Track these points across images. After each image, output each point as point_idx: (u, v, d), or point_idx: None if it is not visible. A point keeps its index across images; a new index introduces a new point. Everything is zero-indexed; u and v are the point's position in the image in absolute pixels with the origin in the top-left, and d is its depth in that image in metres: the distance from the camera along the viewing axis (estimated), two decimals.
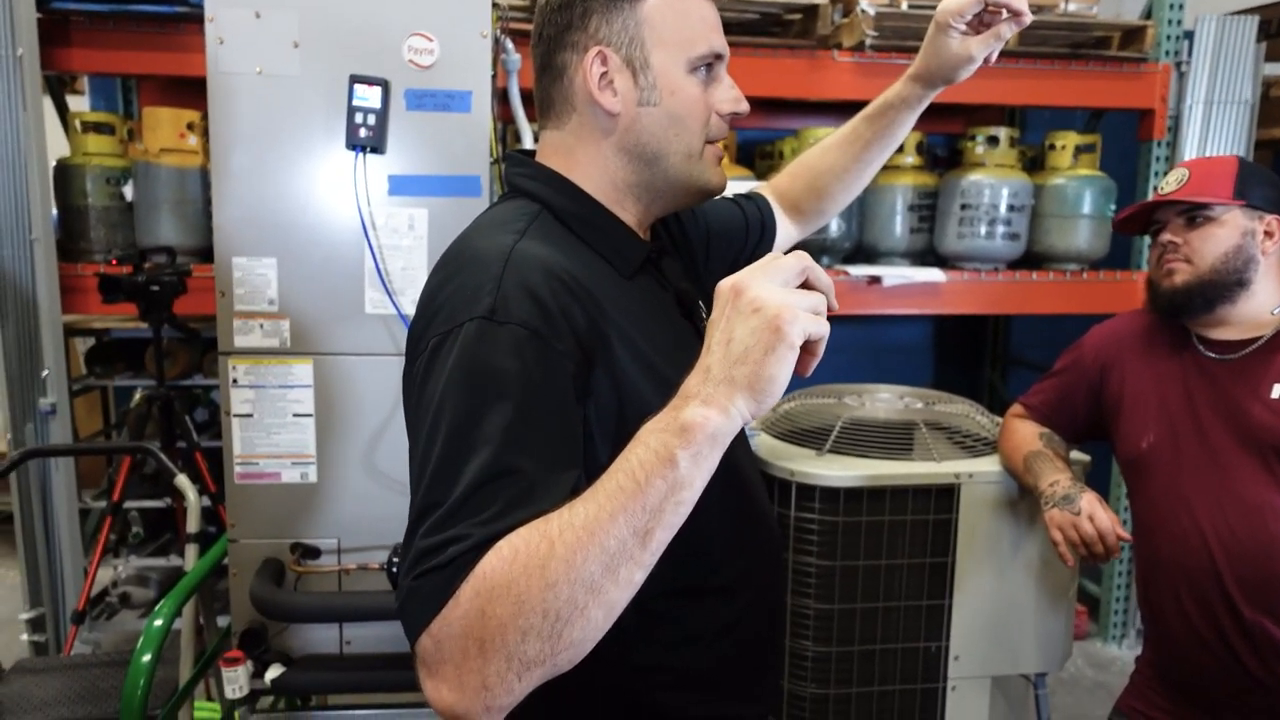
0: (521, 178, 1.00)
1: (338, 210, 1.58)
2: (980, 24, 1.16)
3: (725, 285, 0.73)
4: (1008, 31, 1.14)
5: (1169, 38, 2.91)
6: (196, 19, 2.37)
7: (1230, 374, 1.44)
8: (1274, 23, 3.16)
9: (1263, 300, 1.45)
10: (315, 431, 1.63)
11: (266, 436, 1.63)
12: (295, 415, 1.63)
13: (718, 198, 1.21)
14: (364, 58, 1.54)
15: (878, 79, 2.79)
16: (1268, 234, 1.44)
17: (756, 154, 3.38)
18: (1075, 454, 1.76)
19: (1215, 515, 1.40)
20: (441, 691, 0.71)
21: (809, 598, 1.74)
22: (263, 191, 1.57)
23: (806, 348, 0.71)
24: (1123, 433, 1.57)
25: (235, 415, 1.63)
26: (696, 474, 0.70)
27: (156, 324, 2.42)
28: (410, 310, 1.60)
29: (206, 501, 2.51)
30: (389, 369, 1.63)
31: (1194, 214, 1.45)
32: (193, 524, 2.02)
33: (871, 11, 2.64)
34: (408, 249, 1.60)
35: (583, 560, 0.68)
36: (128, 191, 2.72)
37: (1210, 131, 2.95)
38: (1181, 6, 2.92)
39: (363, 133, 1.54)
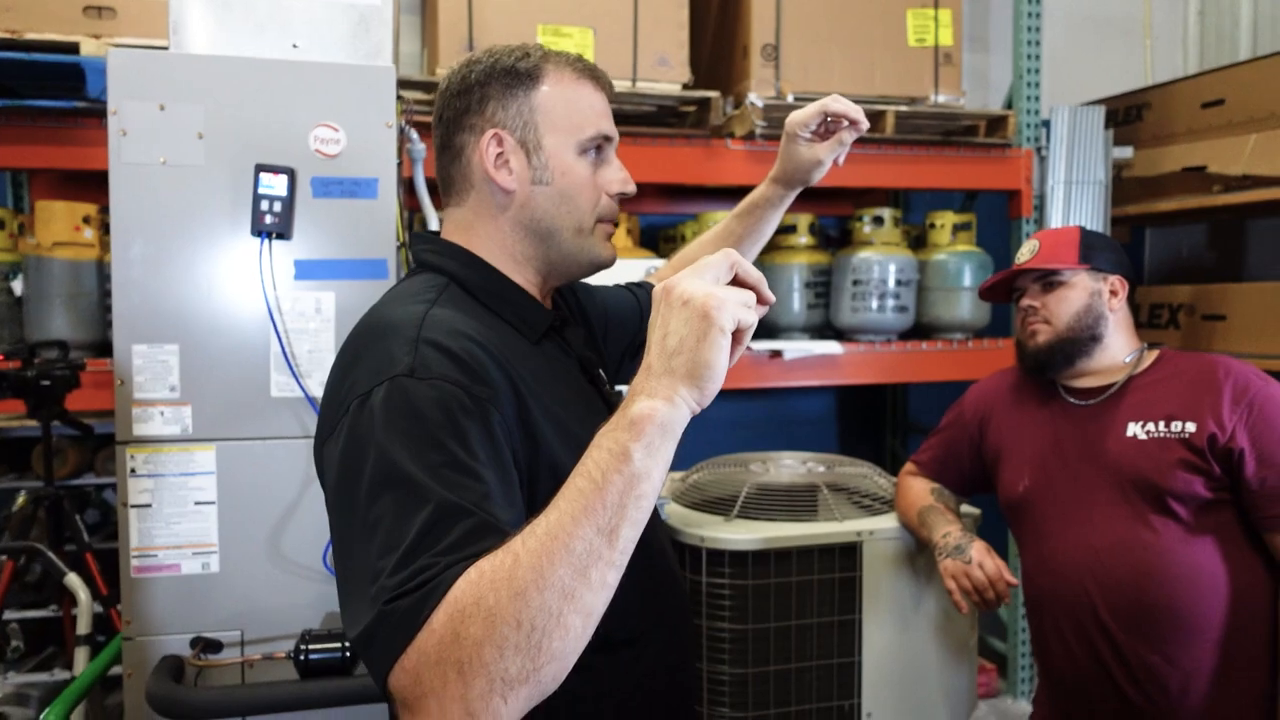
0: (428, 253, 1.05)
1: (243, 295, 1.59)
2: (826, 131, 1.29)
3: (658, 289, 0.78)
4: (849, 137, 1.28)
5: (1028, 125, 3.19)
6: (94, 114, 2.38)
7: (1091, 417, 1.56)
8: (1120, 112, 3.49)
9: (1116, 351, 1.59)
10: (218, 520, 1.60)
11: (166, 527, 1.58)
12: (197, 503, 1.59)
13: (614, 285, 1.29)
14: (270, 147, 1.57)
15: (768, 165, 2.94)
16: (1113, 292, 1.59)
17: (660, 237, 3.51)
18: (966, 508, 1.86)
19: (1087, 549, 1.50)
20: None
21: (723, 664, 1.76)
22: (166, 278, 1.57)
23: (735, 336, 0.76)
24: (1002, 480, 1.67)
25: (133, 506, 1.58)
26: (652, 465, 0.73)
27: (46, 420, 2.33)
28: (318, 393, 1.62)
29: (98, 607, 2.38)
30: (296, 452, 1.62)
31: (1047, 279, 1.60)
32: (84, 625, 1.92)
33: (760, 103, 2.82)
34: (314, 332, 1.62)
35: (549, 565, 0.69)
36: (17, 286, 2.64)
37: (1071, 209, 3.21)
38: (1038, 98, 3.21)
39: (268, 219, 1.57)
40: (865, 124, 1.27)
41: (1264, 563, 1.45)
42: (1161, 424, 1.48)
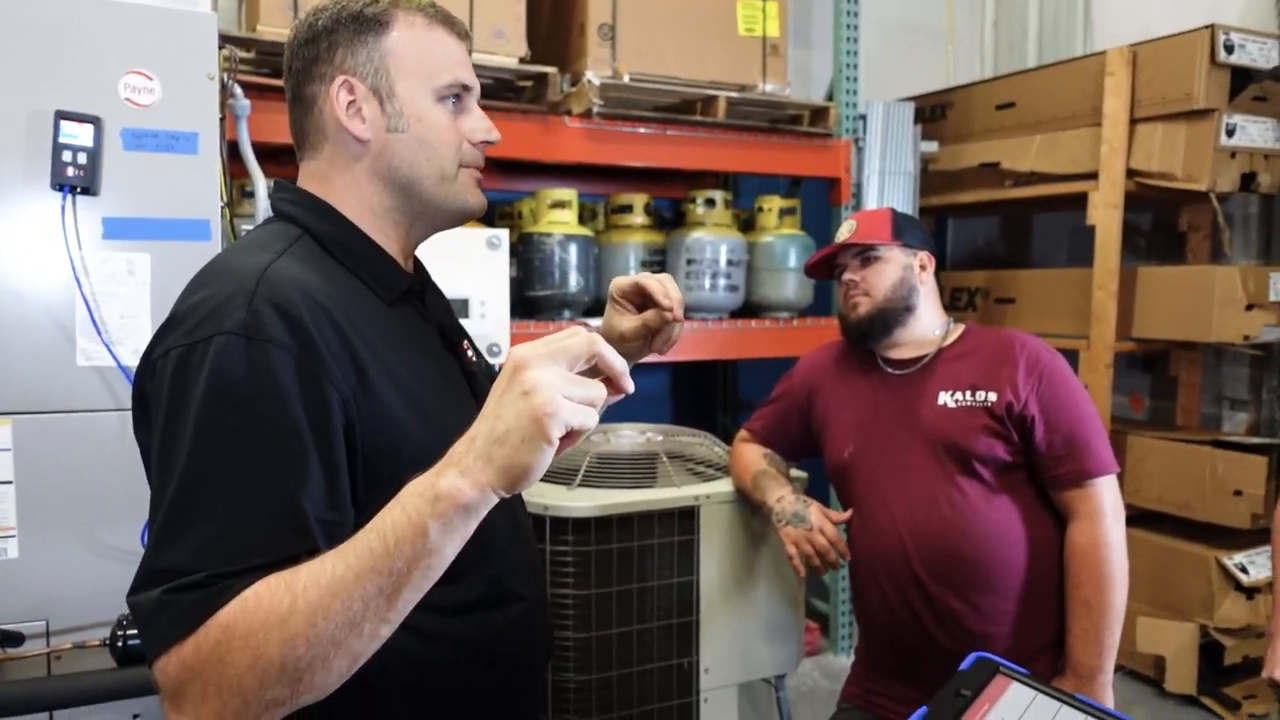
0: (284, 202, 1.01)
1: (42, 255, 1.45)
2: (642, 306, 1.14)
3: (513, 355, 0.72)
4: (655, 320, 1.12)
5: (847, 117, 3.39)
6: None
7: (906, 386, 1.70)
8: (926, 110, 3.78)
9: (927, 323, 1.74)
10: (15, 500, 1.46)
11: None
12: None
13: None
14: (74, 93, 1.44)
15: (606, 144, 2.99)
16: (922, 267, 1.74)
17: (496, 214, 3.48)
18: (795, 471, 1.97)
19: (903, 508, 1.63)
20: None
21: (568, 629, 1.79)
22: None
23: (567, 435, 0.71)
24: (828, 446, 1.79)
25: None
26: (446, 543, 0.71)
27: None
28: (131, 361, 1.50)
29: None
30: (106, 425, 1.50)
31: (865, 255, 1.72)
32: None
33: (597, 82, 2.84)
34: (127, 295, 1.50)
35: (324, 619, 0.70)
36: None
37: (885, 198, 3.45)
38: (856, 92, 3.42)
39: (71, 172, 1.44)
40: (672, 316, 1.10)
41: (1053, 521, 1.63)
42: (967, 393, 1.63)
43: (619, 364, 0.76)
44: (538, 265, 2.94)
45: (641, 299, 1.13)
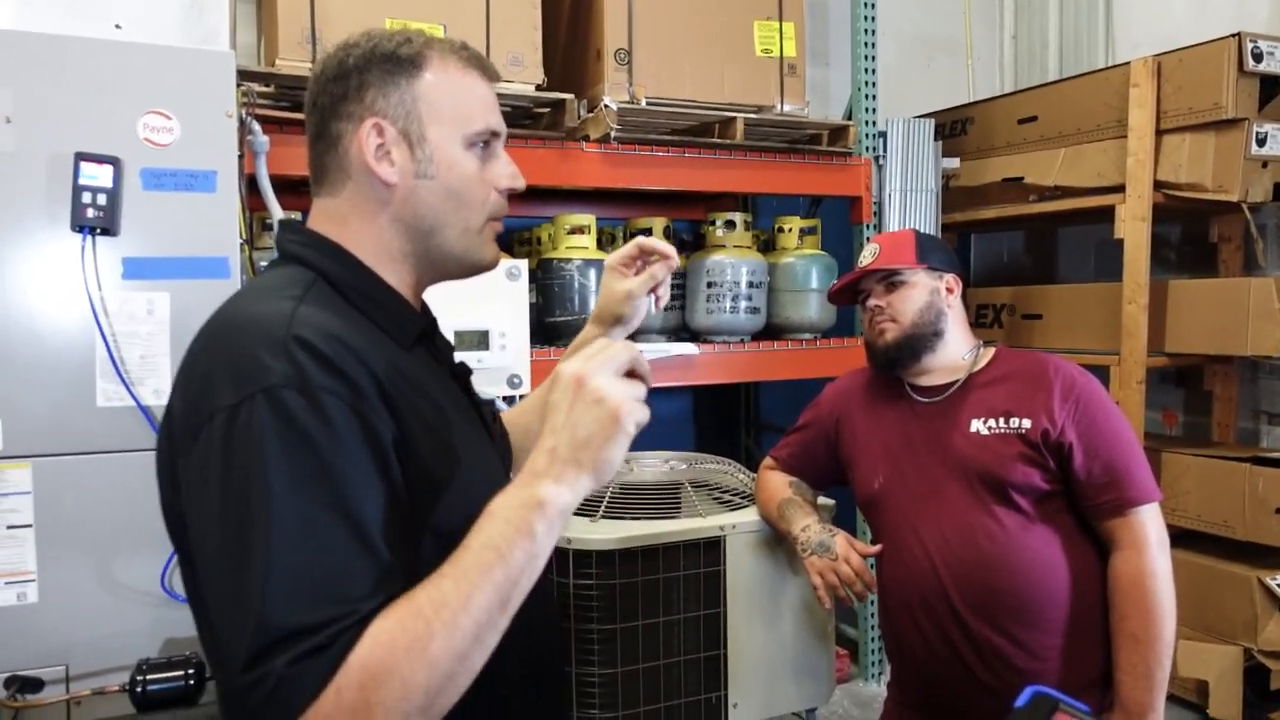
0: (295, 244, 0.98)
1: (63, 296, 1.45)
2: (642, 266, 1.30)
3: (567, 373, 0.82)
4: (661, 271, 1.27)
5: (867, 135, 3.35)
6: None
7: (937, 414, 1.65)
8: (947, 126, 3.75)
9: (955, 348, 1.69)
10: (35, 544, 1.45)
11: None
12: (10, 527, 1.44)
13: None
14: (93, 135, 1.45)
15: (624, 168, 2.98)
16: (949, 289, 1.70)
17: (514, 240, 3.47)
18: (822, 499, 1.93)
19: (938, 539, 1.58)
20: None
21: (593, 665, 1.75)
22: None
23: None
24: (858, 476, 1.74)
25: None
26: (548, 543, 0.79)
27: None
28: (152, 401, 1.49)
29: None
30: (128, 467, 1.49)
31: (890, 280, 1.68)
32: None
33: (614, 106, 2.83)
34: (147, 335, 1.50)
35: (461, 636, 0.74)
36: None
37: (906, 216, 3.41)
38: (875, 110, 3.39)
39: (91, 213, 1.44)
40: (675, 260, 1.28)
41: (1095, 550, 1.57)
42: (1001, 420, 1.58)
43: (648, 366, 0.88)
44: (557, 291, 2.93)
45: (640, 261, 1.29)
